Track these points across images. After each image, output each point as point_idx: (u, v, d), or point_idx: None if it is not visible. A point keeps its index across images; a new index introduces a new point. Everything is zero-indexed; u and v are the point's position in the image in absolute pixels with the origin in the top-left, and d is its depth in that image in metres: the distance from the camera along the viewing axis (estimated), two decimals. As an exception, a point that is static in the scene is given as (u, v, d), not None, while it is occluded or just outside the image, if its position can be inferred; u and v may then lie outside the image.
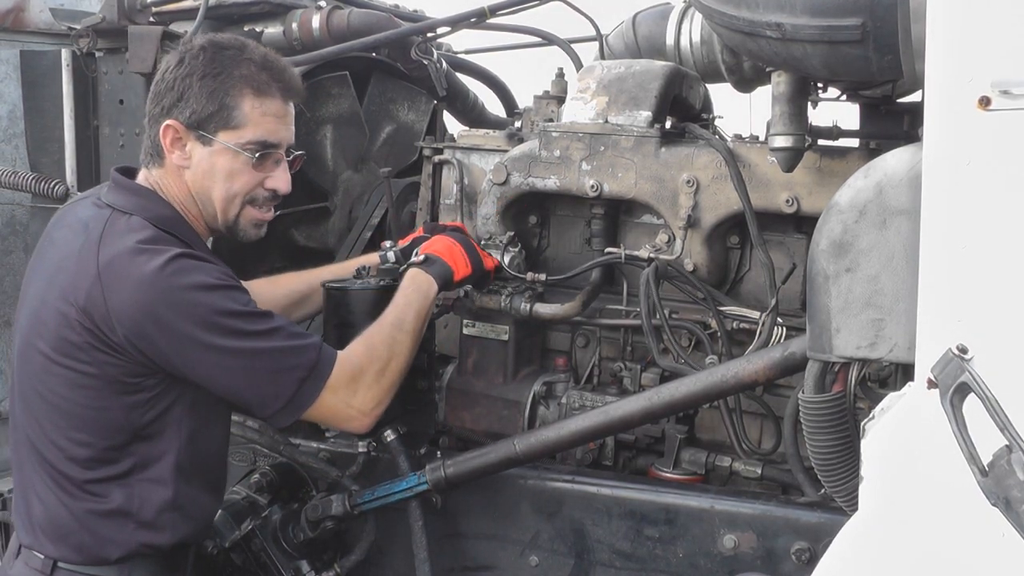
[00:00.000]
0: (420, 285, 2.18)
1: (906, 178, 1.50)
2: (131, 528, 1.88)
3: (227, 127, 1.92)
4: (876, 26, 1.61)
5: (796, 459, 2.09)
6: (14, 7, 3.21)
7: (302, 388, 1.88)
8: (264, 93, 1.95)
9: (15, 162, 3.30)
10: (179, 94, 1.91)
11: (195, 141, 1.92)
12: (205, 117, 1.91)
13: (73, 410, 1.85)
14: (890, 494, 1.42)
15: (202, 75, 1.90)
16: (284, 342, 1.87)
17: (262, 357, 1.85)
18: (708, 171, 2.29)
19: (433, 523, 2.26)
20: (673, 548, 2.13)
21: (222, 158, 1.93)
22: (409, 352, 2.08)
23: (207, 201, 1.97)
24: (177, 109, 1.91)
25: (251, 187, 1.98)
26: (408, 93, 3.36)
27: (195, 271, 1.81)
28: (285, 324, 1.91)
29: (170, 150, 1.93)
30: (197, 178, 1.95)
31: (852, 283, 1.55)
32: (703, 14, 1.99)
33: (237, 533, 2.27)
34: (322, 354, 1.92)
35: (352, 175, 3.14)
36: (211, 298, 1.81)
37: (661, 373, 2.36)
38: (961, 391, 1.25)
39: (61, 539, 1.88)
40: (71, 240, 1.88)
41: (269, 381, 1.87)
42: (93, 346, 1.80)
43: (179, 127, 1.91)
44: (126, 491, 1.87)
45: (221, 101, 1.91)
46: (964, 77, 1.31)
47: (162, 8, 3.00)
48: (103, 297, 1.78)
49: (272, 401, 1.88)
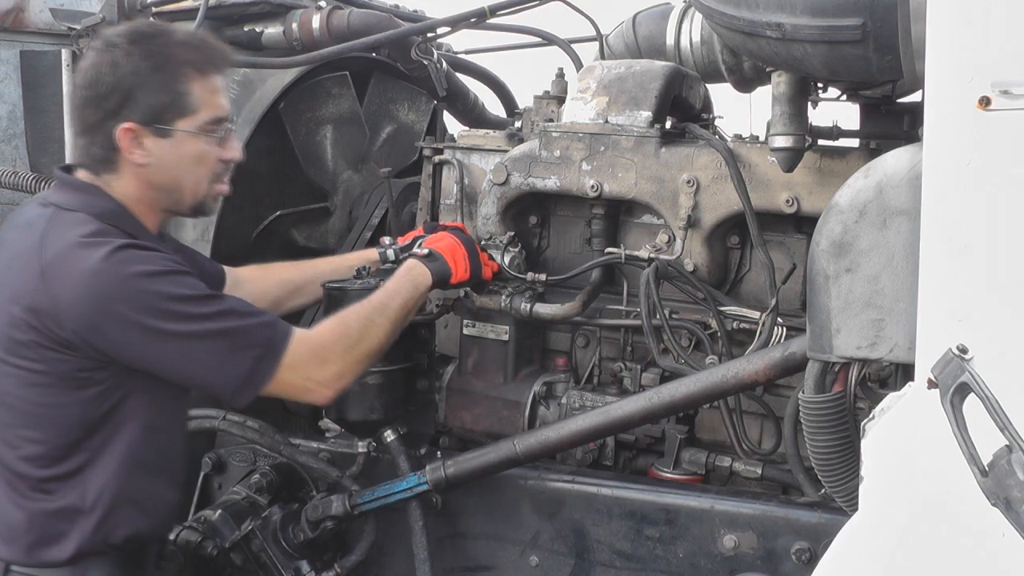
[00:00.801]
0: (415, 277, 2.18)
1: (906, 178, 1.50)
2: (83, 525, 1.86)
3: (183, 114, 1.90)
4: (876, 26, 1.61)
5: (796, 459, 2.09)
6: (14, 7, 3.21)
7: (257, 366, 1.86)
8: (207, 72, 1.93)
9: (15, 162, 3.29)
10: (125, 94, 1.86)
11: (154, 136, 1.89)
12: (160, 110, 1.88)
13: (26, 408, 1.84)
14: (890, 494, 1.42)
15: (148, 70, 1.87)
16: (235, 322, 1.86)
17: (214, 339, 1.83)
18: (708, 171, 2.29)
19: (433, 523, 2.26)
20: (673, 548, 2.13)
21: (186, 145, 1.92)
22: (385, 336, 2.06)
23: (175, 190, 1.95)
24: (128, 109, 1.87)
25: (214, 164, 1.97)
26: (408, 93, 3.37)
27: (139, 260, 1.80)
28: (237, 305, 1.90)
29: (129, 151, 1.89)
30: (163, 171, 1.92)
31: (852, 283, 1.55)
32: (703, 14, 1.99)
33: (237, 533, 2.27)
34: (276, 331, 1.90)
35: (352, 175, 3.14)
36: (157, 284, 1.79)
37: (661, 373, 2.36)
38: (961, 391, 1.25)
39: (11, 540, 1.86)
40: (17, 241, 1.88)
41: (223, 362, 1.85)
42: (41, 344, 1.79)
43: (135, 127, 1.88)
44: (79, 487, 1.86)
45: (174, 91, 1.89)
46: (964, 77, 1.31)
47: (162, 8, 3.00)
48: (48, 293, 1.77)
49: (228, 381, 1.86)
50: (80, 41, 3.04)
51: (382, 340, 2.05)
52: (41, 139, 3.16)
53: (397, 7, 3.39)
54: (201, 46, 1.95)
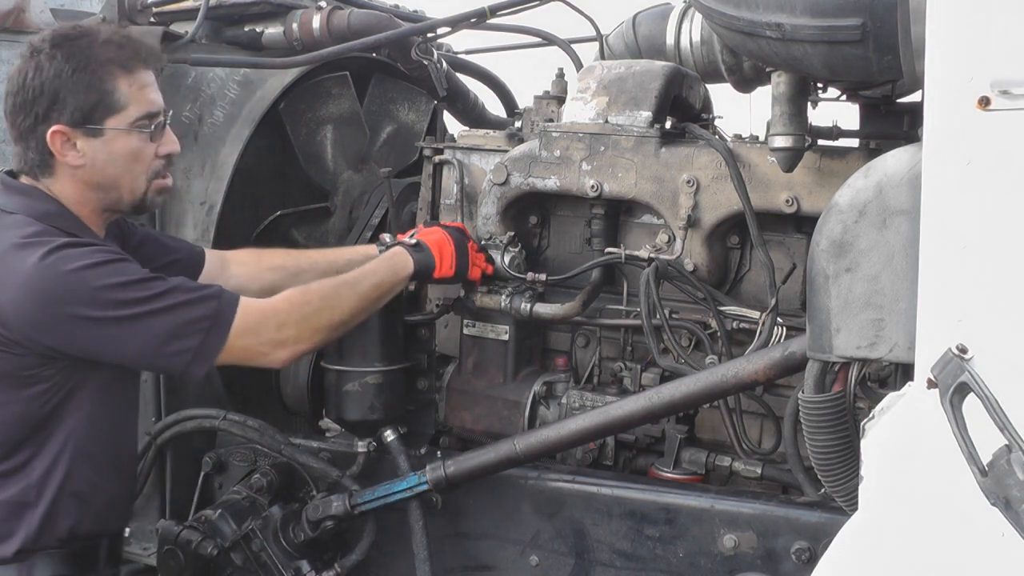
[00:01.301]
0: (396, 263, 2.19)
1: (906, 178, 1.50)
2: (28, 519, 1.87)
3: (112, 112, 1.91)
4: (876, 26, 1.61)
5: (796, 459, 2.09)
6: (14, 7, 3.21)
7: (207, 338, 1.88)
8: (132, 68, 1.94)
9: (16, 162, 3.29)
10: (52, 98, 1.88)
11: (85, 137, 1.90)
12: (88, 110, 1.89)
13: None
14: (890, 494, 1.42)
15: (71, 72, 1.88)
16: (178, 298, 1.87)
17: (160, 318, 1.85)
18: (708, 171, 2.29)
19: (433, 523, 2.26)
20: (673, 548, 2.13)
21: (118, 143, 1.93)
22: (351, 310, 2.07)
23: (112, 188, 1.96)
24: (56, 112, 1.88)
25: (151, 160, 1.98)
26: (408, 93, 3.37)
27: (75, 256, 1.81)
28: (180, 282, 1.91)
29: (62, 154, 1.90)
30: (98, 171, 1.93)
31: (852, 283, 1.55)
32: (703, 14, 1.99)
33: (237, 533, 2.27)
34: (223, 301, 1.91)
35: (352, 175, 3.14)
36: (96, 275, 1.81)
37: (661, 373, 2.36)
38: (961, 391, 1.25)
39: None
40: None
41: (172, 339, 1.86)
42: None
43: (66, 129, 1.89)
44: (23, 482, 1.87)
45: (99, 90, 1.89)
46: (964, 77, 1.31)
47: (162, 8, 3.00)
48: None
49: (180, 357, 1.87)
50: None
51: (347, 313, 2.06)
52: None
53: (397, 7, 3.39)
54: (124, 43, 1.96)
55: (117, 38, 1.96)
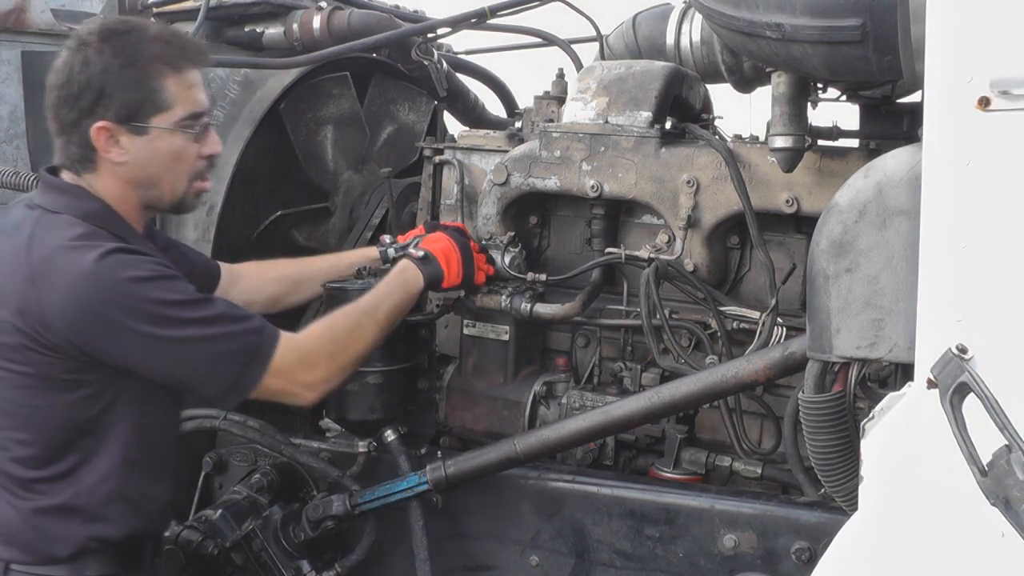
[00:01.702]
0: (407, 279, 2.18)
1: (906, 178, 1.51)
2: (78, 523, 1.86)
3: (158, 111, 1.89)
4: (876, 27, 1.61)
5: (796, 459, 2.09)
6: (15, 8, 3.21)
7: (244, 371, 1.87)
8: (180, 67, 1.92)
9: (16, 163, 3.29)
10: (98, 92, 1.85)
11: (129, 134, 1.88)
12: (135, 107, 1.87)
13: (14, 410, 1.84)
14: (890, 494, 1.42)
15: (119, 67, 1.85)
16: (224, 327, 1.86)
17: (202, 344, 1.84)
18: (708, 171, 2.30)
19: (434, 523, 2.26)
20: (673, 548, 2.13)
21: (162, 142, 1.91)
22: (373, 340, 2.07)
23: (153, 186, 1.94)
24: (102, 108, 1.85)
25: (194, 160, 1.96)
26: (409, 93, 3.37)
27: (129, 264, 1.80)
28: (226, 309, 1.90)
29: (105, 150, 1.88)
30: (140, 168, 1.91)
31: (852, 283, 1.55)
32: (703, 15, 1.99)
33: (238, 533, 2.28)
34: (264, 336, 1.90)
35: (353, 175, 3.15)
36: (147, 289, 1.79)
37: (661, 373, 2.36)
38: (961, 391, 1.26)
39: (10, 540, 1.86)
40: (3, 244, 1.87)
41: (211, 367, 1.86)
42: (28, 347, 1.79)
43: (110, 125, 1.86)
44: (73, 487, 1.86)
45: (147, 87, 1.87)
46: (964, 77, 1.31)
47: (163, 9, 3.01)
48: (37, 298, 1.76)
49: (215, 386, 1.87)
50: (81, 42, 3.04)
51: (370, 344, 2.06)
52: (42, 140, 3.17)
53: (397, 7, 3.39)
54: (173, 41, 1.94)
55: (166, 35, 1.94)
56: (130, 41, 1.89)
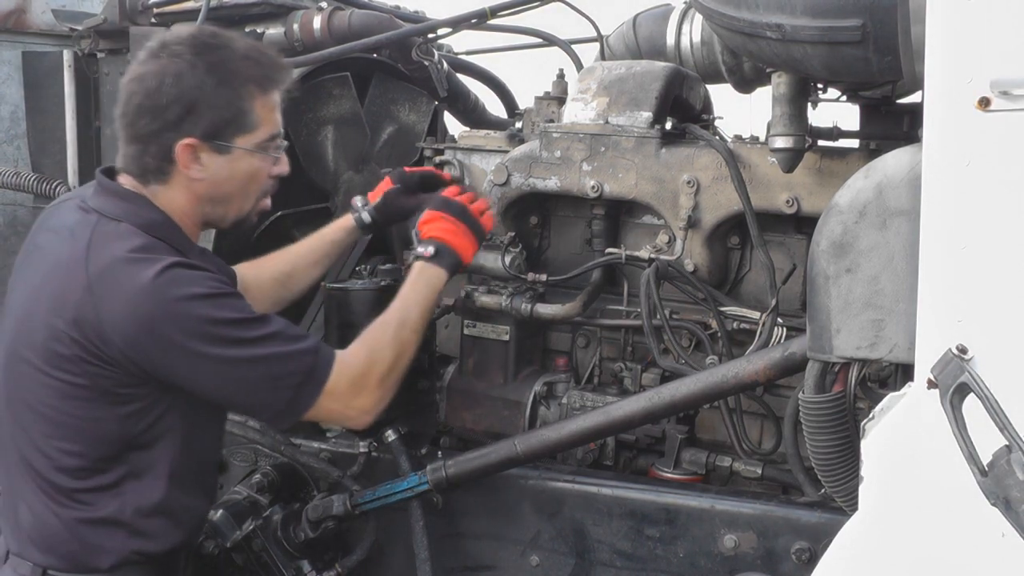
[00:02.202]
0: (429, 279, 2.10)
1: (906, 179, 1.51)
2: (123, 536, 1.85)
3: (243, 132, 1.87)
4: (876, 27, 1.62)
5: (796, 459, 2.09)
6: (16, 8, 3.21)
7: (299, 393, 1.84)
8: (268, 89, 1.91)
9: (17, 163, 3.30)
10: (188, 108, 1.82)
11: (211, 152, 1.86)
12: (222, 126, 1.85)
13: (63, 420, 1.81)
14: (890, 494, 1.43)
15: (214, 85, 1.83)
16: (280, 347, 1.83)
17: (258, 364, 1.81)
18: (708, 172, 2.30)
19: (434, 523, 2.26)
20: (674, 548, 2.13)
21: (242, 163, 1.89)
22: (413, 349, 2.04)
23: (223, 204, 1.93)
24: (189, 123, 1.83)
25: (264, 180, 1.96)
26: (409, 94, 3.37)
27: (189, 281, 1.77)
28: (282, 328, 1.87)
29: (185, 165, 1.85)
30: (216, 186, 1.89)
31: (852, 284, 1.55)
32: (703, 15, 1.99)
33: (238, 533, 2.28)
34: (319, 357, 1.87)
35: (353, 176, 3.14)
36: (205, 308, 1.76)
37: (662, 373, 2.37)
38: (961, 391, 1.26)
39: (50, 548, 1.85)
40: (57, 247, 1.84)
41: (266, 388, 1.83)
42: (83, 359, 1.76)
43: (195, 142, 1.84)
44: (118, 500, 1.84)
45: (237, 108, 1.85)
46: (964, 78, 1.32)
47: (163, 9, 3.01)
48: (95, 309, 1.74)
49: (270, 407, 1.85)
50: (82, 42, 3.05)
51: (411, 353, 2.03)
52: (43, 140, 3.17)
53: (398, 8, 3.39)
54: (263, 60, 1.91)
55: (255, 54, 1.91)
56: (223, 58, 1.86)
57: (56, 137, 3.10)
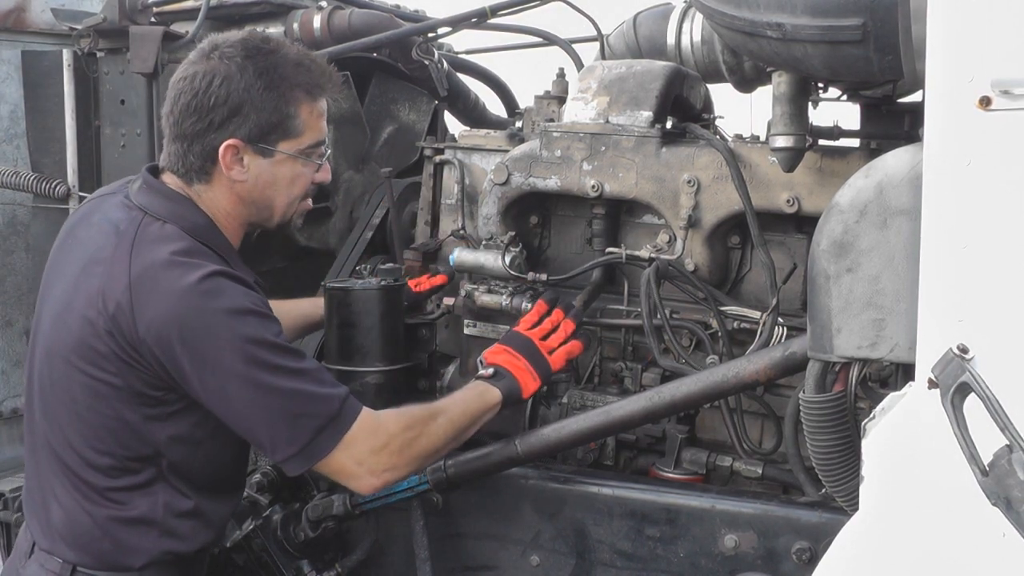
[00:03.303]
0: (483, 392, 2.07)
1: (907, 178, 1.50)
2: (155, 536, 1.85)
3: (288, 137, 1.88)
4: (877, 26, 1.61)
5: (797, 459, 2.09)
6: (15, 7, 3.21)
7: (318, 438, 1.80)
8: (316, 96, 1.92)
9: (16, 162, 3.30)
10: (235, 109, 1.83)
11: (254, 155, 1.87)
12: (268, 130, 1.86)
13: (95, 419, 1.81)
14: (891, 494, 1.42)
15: (262, 88, 1.84)
16: (310, 386, 1.80)
17: (285, 396, 1.77)
18: (709, 171, 2.29)
19: (434, 523, 2.26)
20: (674, 548, 2.13)
21: (284, 167, 1.90)
22: (445, 440, 1.98)
23: (266, 208, 1.94)
24: (233, 125, 1.83)
25: (306, 186, 1.96)
26: (409, 93, 3.37)
27: (230, 293, 1.76)
28: (315, 368, 1.85)
29: (228, 166, 1.86)
30: (257, 189, 1.90)
31: (853, 283, 1.55)
32: (704, 14, 1.99)
33: (238, 533, 2.27)
34: (345, 406, 1.83)
35: (353, 175, 3.15)
36: (243, 324, 1.75)
37: (662, 373, 2.36)
38: (962, 391, 1.25)
39: (81, 545, 1.85)
40: (100, 242, 1.83)
41: (286, 423, 1.78)
42: (119, 356, 1.76)
43: (239, 144, 1.84)
44: (150, 499, 1.84)
45: (283, 112, 1.86)
46: (964, 77, 1.31)
47: (163, 8, 3.01)
48: (132, 308, 1.73)
49: (286, 445, 1.80)
50: (81, 41, 3.05)
51: (441, 443, 1.97)
52: (42, 139, 3.17)
53: (398, 7, 3.40)
54: (312, 68, 1.92)
55: (306, 61, 1.92)
56: (273, 63, 1.87)
57: (55, 136, 3.11)
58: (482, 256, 2.46)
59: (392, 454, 1.88)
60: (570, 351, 2.21)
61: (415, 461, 1.93)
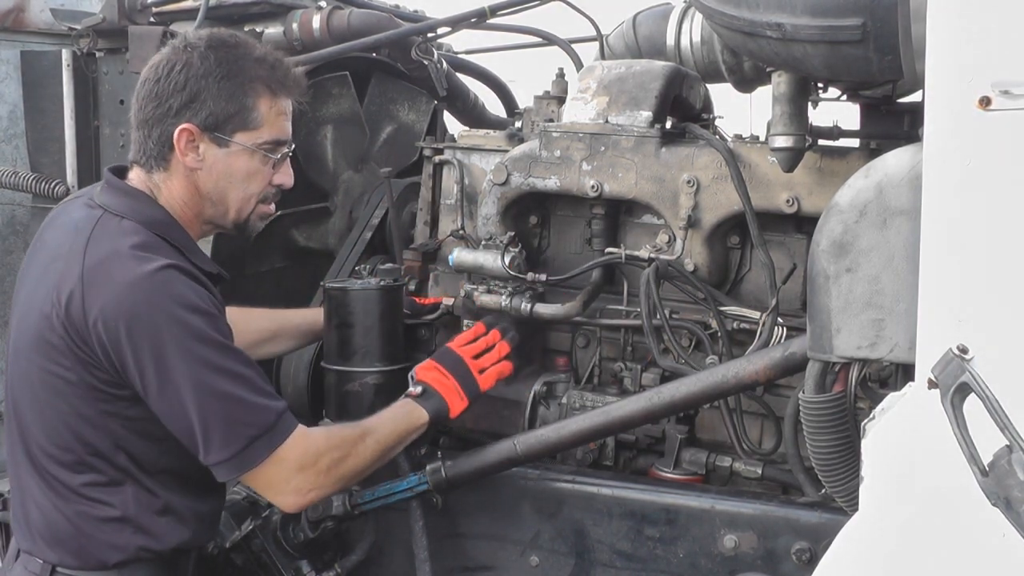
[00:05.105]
0: (410, 412, 2.11)
1: (906, 178, 1.50)
2: (128, 533, 1.86)
3: (245, 128, 1.89)
4: (876, 26, 1.61)
5: (796, 459, 2.09)
6: (14, 7, 3.21)
7: (252, 446, 1.80)
8: (278, 93, 1.93)
9: (15, 162, 3.30)
10: (191, 95, 1.85)
11: (210, 143, 1.88)
12: (223, 119, 1.87)
13: (55, 416, 1.82)
14: (890, 494, 1.42)
15: (219, 76, 1.86)
16: (250, 394, 1.80)
17: (223, 400, 1.77)
18: (708, 171, 2.29)
19: (434, 523, 2.25)
20: (674, 548, 2.13)
21: (239, 159, 1.91)
22: (370, 461, 2.00)
23: (220, 202, 1.94)
24: (190, 111, 1.86)
25: (265, 186, 1.96)
26: (408, 93, 3.37)
27: (181, 285, 1.76)
28: (256, 376, 1.85)
29: (183, 153, 1.88)
30: (212, 180, 1.91)
31: (852, 283, 1.55)
32: (703, 14, 1.99)
33: (237, 533, 2.27)
34: (281, 420, 1.84)
35: (353, 175, 3.14)
36: (192, 318, 1.75)
37: (662, 373, 2.36)
38: (961, 391, 1.25)
39: (59, 544, 1.86)
40: (61, 241, 1.85)
41: (222, 427, 1.78)
42: (71, 350, 1.76)
43: (194, 130, 1.86)
44: (120, 497, 1.85)
45: (240, 102, 1.88)
46: (964, 77, 1.31)
47: (162, 8, 3.01)
48: (83, 297, 1.74)
49: (219, 448, 1.79)
50: (80, 41, 3.05)
51: (366, 463, 2.00)
52: (41, 139, 3.17)
53: (397, 7, 3.39)
54: (276, 66, 1.94)
55: (271, 59, 1.94)
56: (236, 55, 1.90)
57: (55, 136, 3.10)
58: (481, 256, 2.46)
59: (319, 474, 1.90)
60: (501, 371, 2.26)
61: (340, 481, 1.96)
